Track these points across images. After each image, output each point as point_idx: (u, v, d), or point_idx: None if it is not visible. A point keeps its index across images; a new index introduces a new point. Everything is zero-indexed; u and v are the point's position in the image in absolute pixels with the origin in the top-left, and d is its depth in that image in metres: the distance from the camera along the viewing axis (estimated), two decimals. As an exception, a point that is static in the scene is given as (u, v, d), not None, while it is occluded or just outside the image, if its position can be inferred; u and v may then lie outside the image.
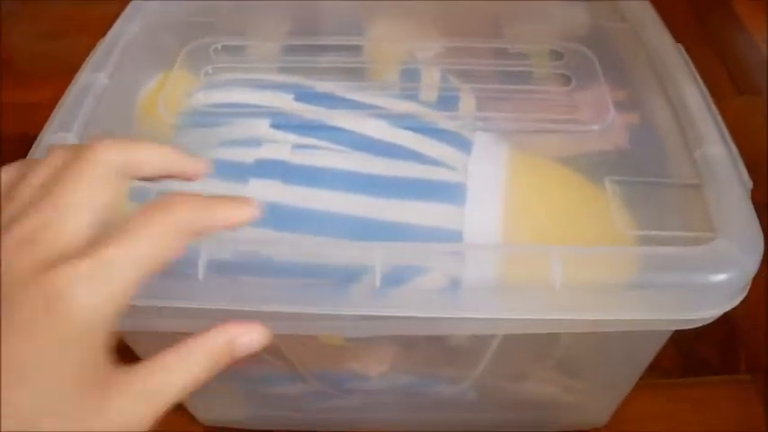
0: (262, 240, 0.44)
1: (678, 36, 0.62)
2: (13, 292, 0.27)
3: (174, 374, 0.30)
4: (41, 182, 0.30)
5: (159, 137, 0.55)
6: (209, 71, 0.60)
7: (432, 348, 0.51)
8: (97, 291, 0.27)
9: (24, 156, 0.93)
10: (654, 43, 0.59)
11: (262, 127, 0.50)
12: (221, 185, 0.47)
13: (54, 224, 0.28)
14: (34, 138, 0.92)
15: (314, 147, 0.48)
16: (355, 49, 0.58)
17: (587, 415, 0.64)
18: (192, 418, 0.66)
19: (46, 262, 0.27)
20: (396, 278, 0.45)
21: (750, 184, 0.47)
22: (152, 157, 0.34)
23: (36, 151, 0.52)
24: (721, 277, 0.41)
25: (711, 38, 1.00)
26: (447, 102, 0.53)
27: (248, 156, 0.48)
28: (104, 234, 0.29)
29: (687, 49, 0.60)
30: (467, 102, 0.54)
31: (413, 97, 0.54)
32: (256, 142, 0.49)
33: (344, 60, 0.56)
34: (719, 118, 0.52)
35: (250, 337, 0.32)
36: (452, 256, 0.42)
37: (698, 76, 0.56)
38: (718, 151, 0.48)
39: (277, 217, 0.46)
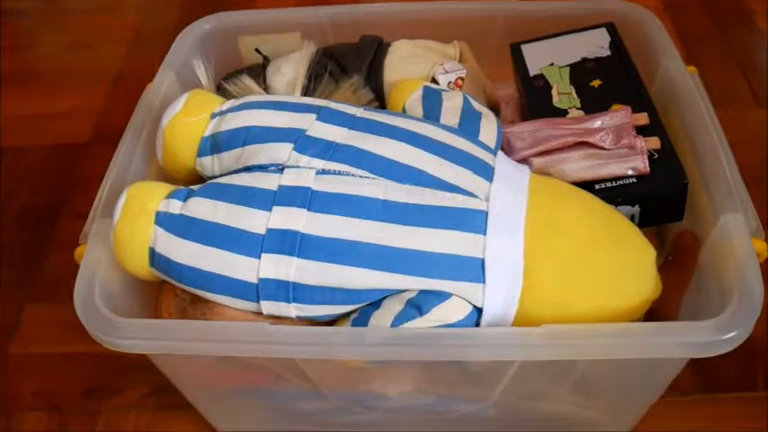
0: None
1: (699, 48, 0.62)
2: None
3: None
4: None
5: (182, 165, 0.56)
6: (233, 93, 0.61)
7: (452, 370, 0.51)
8: None
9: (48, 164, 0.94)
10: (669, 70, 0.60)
11: (285, 151, 0.50)
12: (244, 212, 0.48)
13: None
14: (59, 147, 0.93)
15: (337, 172, 0.49)
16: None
17: (606, 427, 0.64)
18: (209, 426, 0.67)
19: None
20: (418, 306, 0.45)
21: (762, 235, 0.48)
22: None
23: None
24: (731, 334, 0.43)
25: (732, 50, 0.99)
26: (469, 125, 0.54)
27: (272, 182, 0.49)
28: None
29: (708, 62, 0.60)
30: (489, 125, 0.54)
31: (435, 120, 0.55)
32: (279, 167, 0.50)
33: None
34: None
35: None
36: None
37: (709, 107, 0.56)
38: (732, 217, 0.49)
39: (302, 246, 0.46)
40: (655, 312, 0.51)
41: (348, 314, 0.48)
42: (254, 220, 0.47)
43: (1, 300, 0.81)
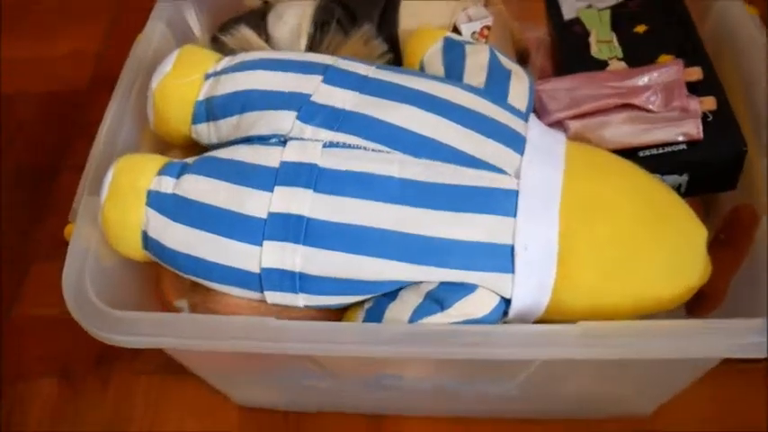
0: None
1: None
2: None
3: None
4: None
5: (176, 131, 0.50)
6: (230, 45, 0.55)
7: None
8: None
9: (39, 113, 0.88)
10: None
11: (287, 120, 0.45)
12: (242, 193, 0.42)
13: None
14: (56, 95, 0.87)
15: (346, 145, 0.43)
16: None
17: (632, 406, 0.61)
18: (227, 399, 0.65)
19: None
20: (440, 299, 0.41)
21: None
22: None
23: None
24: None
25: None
26: (496, 85, 0.47)
27: (273, 157, 0.43)
28: None
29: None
30: (519, 84, 0.47)
31: (457, 80, 0.48)
32: (282, 139, 0.44)
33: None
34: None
35: None
36: None
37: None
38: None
39: (308, 233, 0.41)
40: (700, 295, 0.45)
41: (362, 302, 0.44)
42: (254, 203, 0.42)
43: (3, 261, 0.78)
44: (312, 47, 0.56)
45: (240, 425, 0.64)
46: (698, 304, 0.46)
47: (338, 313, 0.45)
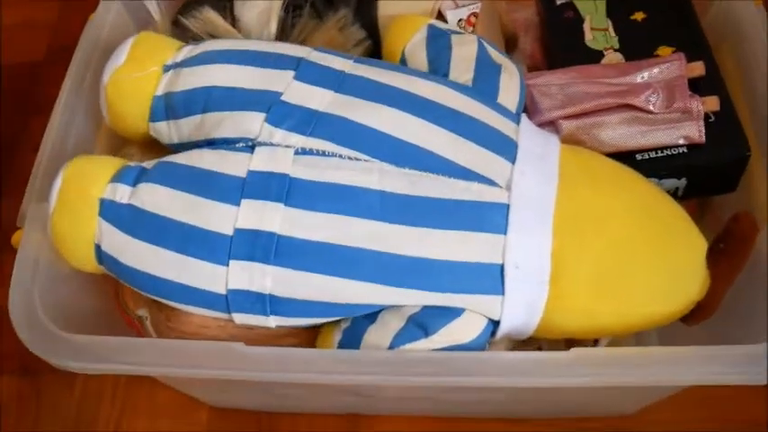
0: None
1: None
2: None
3: None
4: None
5: (133, 128, 0.45)
6: (192, 30, 0.50)
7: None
8: None
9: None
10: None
11: (255, 122, 0.40)
12: (206, 206, 0.38)
13: None
14: (10, 68, 0.81)
15: (321, 152, 0.39)
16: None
17: (617, 406, 0.60)
18: (196, 401, 0.62)
19: None
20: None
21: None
22: None
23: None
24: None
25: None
26: (485, 82, 0.43)
27: (240, 165, 0.39)
28: None
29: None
30: (510, 81, 0.43)
31: (443, 76, 0.44)
32: (249, 144, 0.40)
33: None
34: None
35: None
36: None
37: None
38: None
39: (279, 252, 0.38)
40: (695, 305, 0.43)
41: (338, 320, 0.41)
42: (219, 218, 0.38)
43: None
44: (283, 31, 0.51)
45: (211, 425, 0.61)
46: (692, 314, 0.44)
47: (313, 331, 0.42)
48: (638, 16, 0.50)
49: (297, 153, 0.39)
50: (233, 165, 0.39)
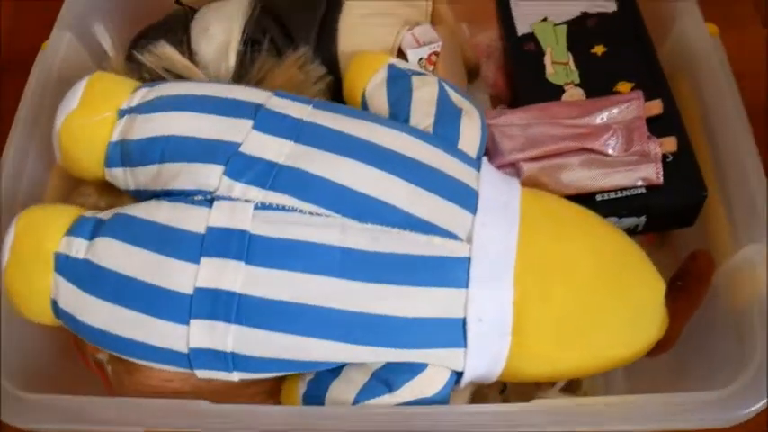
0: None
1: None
2: None
3: None
4: None
5: (88, 173, 0.44)
6: (148, 65, 0.48)
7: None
8: None
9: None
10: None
11: (213, 175, 0.39)
12: (165, 264, 0.37)
13: None
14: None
15: (281, 207, 0.38)
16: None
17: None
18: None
19: None
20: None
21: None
22: None
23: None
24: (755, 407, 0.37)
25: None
26: (446, 127, 0.43)
27: (198, 220, 0.38)
28: None
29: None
30: (471, 125, 0.43)
31: (404, 120, 0.43)
32: (208, 197, 0.39)
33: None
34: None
35: None
36: None
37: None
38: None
39: (240, 311, 0.37)
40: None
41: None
42: (179, 276, 0.37)
43: None
44: (242, 66, 0.50)
45: None
46: (652, 349, 0.45)
47: (278, 380, 0.42)
48: (598, 50, 0.50)
49: (256, 208, 0.38)
50: (192, 220, 0.39)
